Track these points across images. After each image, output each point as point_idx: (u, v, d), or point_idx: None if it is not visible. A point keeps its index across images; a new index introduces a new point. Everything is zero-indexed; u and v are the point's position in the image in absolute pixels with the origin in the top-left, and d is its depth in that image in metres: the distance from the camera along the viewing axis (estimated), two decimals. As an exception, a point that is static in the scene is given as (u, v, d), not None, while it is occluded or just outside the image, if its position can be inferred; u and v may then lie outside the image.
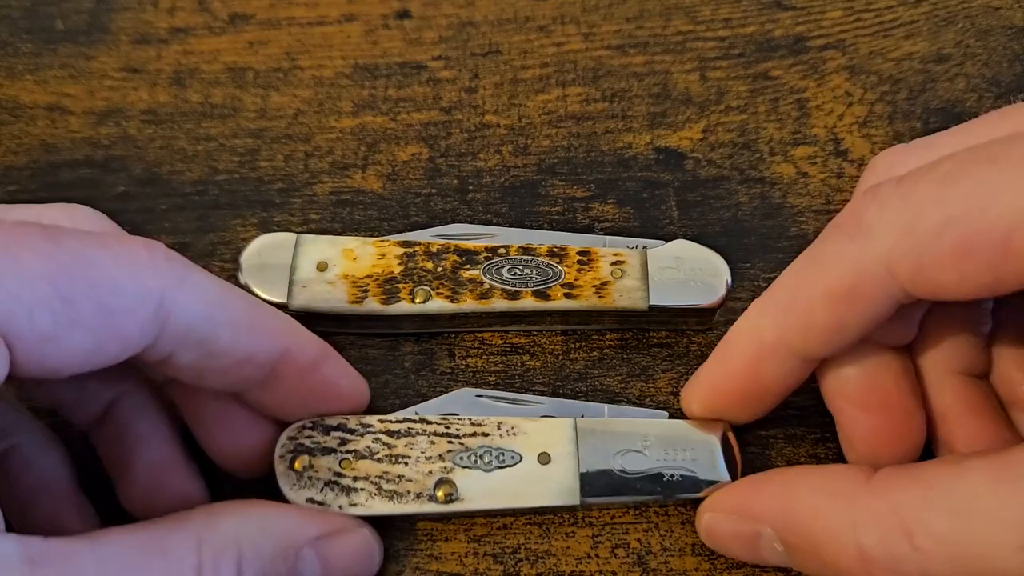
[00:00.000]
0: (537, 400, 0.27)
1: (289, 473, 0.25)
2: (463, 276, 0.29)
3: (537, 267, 0.29)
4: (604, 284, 0.28)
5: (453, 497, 0.25)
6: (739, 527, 0.24)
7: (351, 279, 0.29)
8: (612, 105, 0.34)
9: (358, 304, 0.28)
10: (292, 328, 0.24)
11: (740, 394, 0.25)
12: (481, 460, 0.25)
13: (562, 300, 0.28)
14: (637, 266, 0.29)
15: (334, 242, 0.29)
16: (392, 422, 0.26)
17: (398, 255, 0.29)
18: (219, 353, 0.22)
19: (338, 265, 0.29)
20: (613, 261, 0.29)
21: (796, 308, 0.23)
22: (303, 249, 0.29)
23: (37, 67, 0.36)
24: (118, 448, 0.25)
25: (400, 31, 0.37)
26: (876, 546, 0.20)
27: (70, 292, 0.19)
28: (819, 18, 0.36)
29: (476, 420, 0.26)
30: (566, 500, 0.25)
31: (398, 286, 0.28)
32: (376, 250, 0.29)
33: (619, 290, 0.28)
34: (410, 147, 0.34)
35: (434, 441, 0.26)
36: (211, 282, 0.22)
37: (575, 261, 0.29)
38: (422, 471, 0.25)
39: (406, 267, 0.29)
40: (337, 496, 0.25)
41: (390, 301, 0.28)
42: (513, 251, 0.29)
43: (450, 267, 0.29)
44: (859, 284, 0.22)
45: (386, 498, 0.25)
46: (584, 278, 0.28)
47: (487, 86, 0.35)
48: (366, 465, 0.25)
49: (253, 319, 0.23)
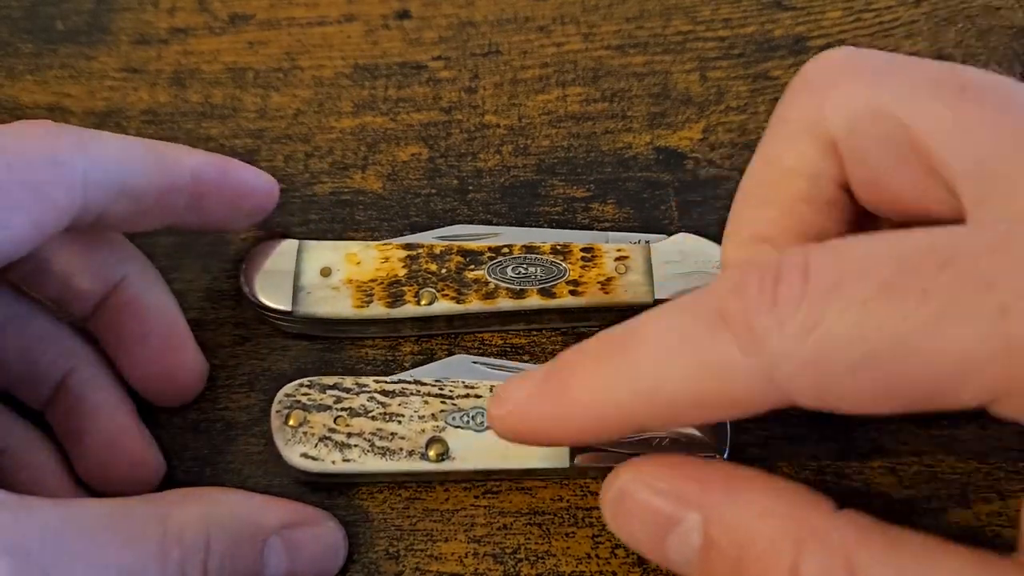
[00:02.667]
0: (532, 368, 0.28)
1: (284, 428, 0.26)
2: (468, 277, 0.29)
3: (541, 265, 0.29)
4: (609, 280, 0.29)
5: (445, 456, 0.26)
6: (661, 504, 0.20)
7: (355, 284, 0.29)
8: (612, 105, 0.34)
9: (363, 308, 0.28)
10: (191, 151, 0.26)
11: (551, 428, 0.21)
12: (473, 420, 0.26)
13: (567, 297, 0.28)
14: (641, 261, 0.29)
15: (337, 247, 0.29)
16: (387, 383, 0.27)
17: (401, 258, 0.29)
18: (142, 196, 0.25)
19: (341, 270, 0.29)
20: (617, 257, 0.29)
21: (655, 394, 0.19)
22: (306, 255, 0.29)
23: (37, 67, 0.36)
24: (72, 421, 0.26)
25: (400, 31, 0.37)
26: (813, 574, 0.18)
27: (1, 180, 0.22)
28: (819, 18, 0.36)
29: (469, 383, 0.27)
30: (556, 462, 0.26)
31: (403, 289, 0.29)
32: (379, 254, 0.29)
33: (624, 285, 0.29)
34: (410, 147, 0.34)
35: (428, 401, 0.26)
36: (112, 138, 0.24)
37: (579, 258, 0.29)
38: (415, 429, 0.26)
39: (410, 270, 0.29)
40: (331, 451, 0.26)
41: (395, 304, 0.28)
42: (516, 250, 0.29)
43: (454, 268, 0.29)
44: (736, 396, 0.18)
45: (379, 455, 0.26)
46: (588, 274, 0.29)
47: (487, 86, 0.35)
48: (360, 422, 0.26)
49: (158, 156, 0.25)
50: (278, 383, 0.27)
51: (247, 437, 0.28)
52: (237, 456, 0.28)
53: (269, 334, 0.30)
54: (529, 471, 0.26)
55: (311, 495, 0.27)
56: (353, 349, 0.29)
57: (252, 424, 0.28)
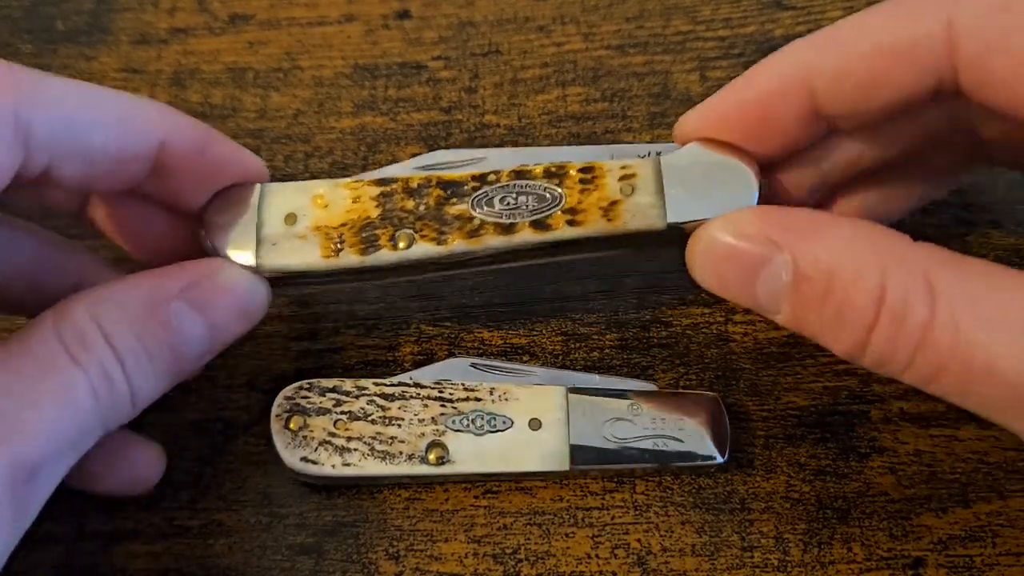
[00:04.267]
0: (530, 370, 0.28)
1: (284, 432, 0.26)
2: (448, 213, 0.25)
3: (533, 193, 0.25)
4: (613, 204, 0.25)
5: (444, 459, 0.26)
6: (749, 247, 0.22)
7: (324, 230, 0.25)
8: (612, 105, 0.34)
9: (333, 258, 0.25)
10: (168, 118, 0.24)
11: (740, 116, 0.24)
12: (473, 424, 0.26)
13: (564, 228, 0.25)
14: (650, 178, 0.25)
15: (301, 189, 0.26)
16: (387, 386, 0.27)
17: (374, 196, 0.25)
18: (95, 157, 0.22)
19: (308, 215, 0.25)
20: (621, 176, 0.25)
21: (837, 51, 0.22)
22: (268, 200, 0.25)
23: (37, 68, 0.36)
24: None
25: (400, 31, 0.37)
26: (899, 298, 0.20)
27: None
28: (819, 18, 0.36)
29: (469, 385, 0.27)
30: (555, 465, 0.26)
31: (376, 232, 0.25)
32: (349, 193, 0.25)
33: (631, 209, 0.24)
34: (410, 147, 0.34)
35: (427, 404, 0.26)
36: (69, 86, 0.22)
37: (577, 181, 0.25)
38: (414, 433, 0.26)
39: (384, 209, 0.25)
40: (331, 455, 0.26)
41: (369, 251, 0.25)
42: (504, 176, 0.25)
43: (434, 203, 0.25)
44: (916, 46, 0.21)
45: (378, 458, 0.26)
46: (588, 199, 0.25)
47: (487, 86, 0.35)
48: (360, 426, 0.26)
49: (122, 116, 0.23)
50: (278, 383, 0.27)
51: (247, 437, 0.28)
52: (237, 456, 0.28)
53: (269, 334, 0.30)
54: (529, 474, 0.26)
55: (311, 495, 0.27)
56: (352, 350, 0.29)
57: (252, 424, 0.28)
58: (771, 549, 0.26)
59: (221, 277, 0.24)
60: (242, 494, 0.27)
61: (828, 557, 0.26)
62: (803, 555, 0.26)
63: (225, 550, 0.27)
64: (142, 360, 0.22)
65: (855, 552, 0.26)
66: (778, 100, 0.23)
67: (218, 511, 0.27)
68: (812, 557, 0.26)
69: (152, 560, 0.27)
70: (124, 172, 0.23)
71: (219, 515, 0.27)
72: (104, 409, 0.22)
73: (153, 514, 0.27)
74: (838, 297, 0.21)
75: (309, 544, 0.27)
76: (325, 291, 0.30)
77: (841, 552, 0.26)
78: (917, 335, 0.20)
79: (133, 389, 0.22)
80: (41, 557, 0.27)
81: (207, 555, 0.27)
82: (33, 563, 0.26)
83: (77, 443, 0.22)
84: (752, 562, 0.26)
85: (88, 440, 0.22)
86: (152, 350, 0.22)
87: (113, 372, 0.22)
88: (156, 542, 0.27)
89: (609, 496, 0.27)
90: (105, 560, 0.27)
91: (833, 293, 0.21)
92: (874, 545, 0.26)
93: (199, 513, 0.27)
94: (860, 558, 0.26)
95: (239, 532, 0.27)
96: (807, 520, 0.26)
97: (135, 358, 0.22)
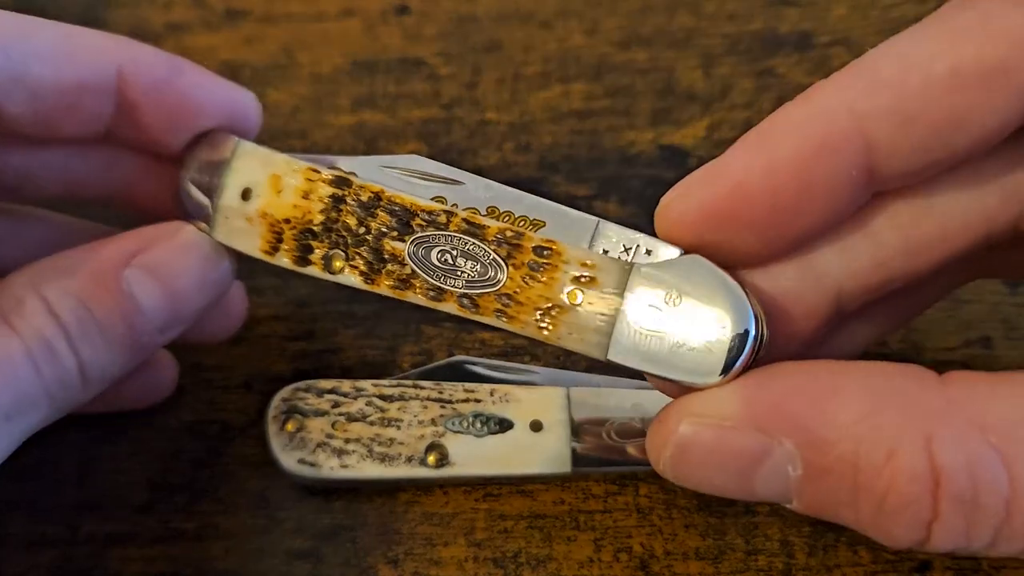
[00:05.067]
0: (531, 369, 0.27)
1: (281, 434, 0.26)
2: (386, 249, 0.22)
3: (476, 257, 0.21)
4: (551, 309, 0.20)
5: (444, 462, 0.25)
6: (738, 441, 0.17)
7: (269, 219, 0.23)
8: (615, 102, 0.34)
9: (270, 255, 0.23)
10: (125, 46, 0.22)
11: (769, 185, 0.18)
12: (473, 426, 0.26)
13: (492, 317, 0.21)
14: (609, 289, 0.20)
15: (267, 160, 0.23)
16: (386, 386, 0.26)
17: (324, 197, 0.23)
18: (42, 90, 0.21)
19: (260, 196, 0.23)
20: (578, 274, 0.20)
21: (898, 87, 0.16)
22: (236, 163, 0.23)
23: (31, 63, 0.36)
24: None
25: (399, 26, 0.36)
26: (961, 473, 0.15)
27: None
28: (825, 14, 0.36)
29: (469, 387, 0.26)
30: (557, 468, 0.25)
31: (312, 244, 0.23)
32: (303, 184, 0.23)
33: (570, 323, 0.20)
34: (409, 144, 0.33)
35: (427, 406, 0.26)
36: (5, 17, 0.21)
37: (527, 260, 0.21)
38: (414, 435, 0.26)
39: (327, 218, 0.22)
40: (328, 457, 0.25)
41: (301, 262, 0.23)
42: (455, 223, 0.22)
43: (375, 231, 0.22)
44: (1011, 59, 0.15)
45: (377, 461, 0.25)
46: (529, 292, 0.20)
47: (488, 82, 0.35)
48: (358, 427, 0.26)
49: (70, 45, 0.21)
50: (275, 385, 0.27)
51: (243, 439, 0.28)
52: (233, 459, 0.28)
53: (266, 334, 0.29)
54: (530, 476, 0.26)
55: (308, 498, 0.27)
56: (352, 350, 0.29)
57: (249, 426, 0.28)
58: (776, 553, 0.26)
59: (178, 241, 0.22)
60: (238, 497, 0.27)
61: (833, 561, 0.26)
62: (808, 559, 0.26)
63: (221, 554, 0.26)
64: (90, 330, 0.21)
65: (861, 556, 0.26)
66: (823, 161, 0.18)
67: (214, 514, 0.27)
68: (817, 561, 0.26)
69: (147, 564, 0.26)
70: (83, 109, 0.22)
71: (215, 518, 0.27)
72: (48, 382, 0.20)
73: (148, 517, 0.27)
74: (875, 487, 0.16)
75: (307, 548, 0.26)
76: (322, 289, 0.29)
77: (847, 556, 0.26)
78: (1000, 514, 0.16)
79: (82, 361, 0.21)
80: (35, 560, 0.26)
81: (203, 559, 0.26)
82: (26, 566, 0.26)
83: (13, 415, 0.20)
84: (757, 566, 0.26)
85: (31, 414, 0.20)
86: (103, 320, 0.21)
87: (56, 342, 0.20)
88: (151, 546, 0.26)
89: (612, 499, 0.27)
90: (99, 564, 0.26)
91: (866, 487, 0.16)
92: (880, 548, 0.26)
93: (195, 516, 0.27)
94: (866, 561, 0.26)
95: (235, 536, 0.27)
96: (812, 523, 0.26)
97: (82, 328, 0.21)
